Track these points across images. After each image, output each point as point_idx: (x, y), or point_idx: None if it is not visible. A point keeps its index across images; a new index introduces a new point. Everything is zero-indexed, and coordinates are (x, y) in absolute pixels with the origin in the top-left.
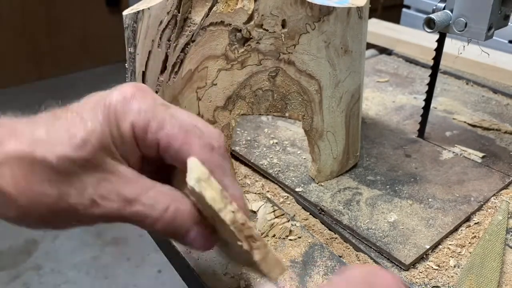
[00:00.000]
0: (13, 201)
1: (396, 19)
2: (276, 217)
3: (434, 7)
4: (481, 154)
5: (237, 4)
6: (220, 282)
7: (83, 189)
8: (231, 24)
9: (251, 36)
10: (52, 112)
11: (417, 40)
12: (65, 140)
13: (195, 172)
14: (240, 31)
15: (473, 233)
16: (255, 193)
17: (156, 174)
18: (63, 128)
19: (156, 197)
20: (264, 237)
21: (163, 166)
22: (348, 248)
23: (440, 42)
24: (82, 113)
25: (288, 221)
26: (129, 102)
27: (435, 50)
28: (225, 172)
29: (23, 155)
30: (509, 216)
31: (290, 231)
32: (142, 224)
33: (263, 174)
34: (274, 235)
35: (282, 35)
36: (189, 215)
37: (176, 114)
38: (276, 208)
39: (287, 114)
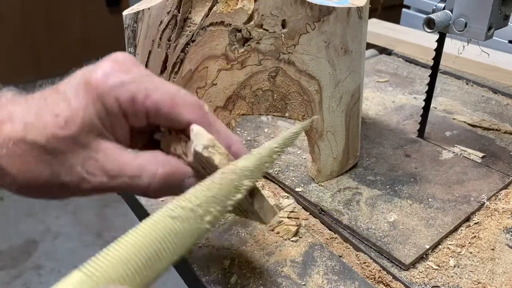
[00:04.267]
0: (12, 178)
1: (396, 19)
2: (287, 217)
3: (434, 7)
4: (481, 154)
5: (237, 4)
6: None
7: (72, 167)
8: (231, 24)
9: (251, 36)
10: (42, 92)
11: (417, 40)
12: (51, 121)
13: (202, 139)
14: (240, 31)
15: (473, 233)
16: None
17: (148, 144)
18: (49, 110)
19: (140, 167)
20: (271, 230)
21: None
22: (348, 248)
23: (440, 42)
24: (66, 92)
25: (297, 225)
26: (110, 77)
27: (435, 50)
28: (220, 125)
29: (17, 139)
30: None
31: (293, 233)
32: (137, 192)
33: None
34: (278, 232)
35: (282, 35)
36: (180, 174)
37: (161, 82)
38: (296, 210)
39: (287, 114)
